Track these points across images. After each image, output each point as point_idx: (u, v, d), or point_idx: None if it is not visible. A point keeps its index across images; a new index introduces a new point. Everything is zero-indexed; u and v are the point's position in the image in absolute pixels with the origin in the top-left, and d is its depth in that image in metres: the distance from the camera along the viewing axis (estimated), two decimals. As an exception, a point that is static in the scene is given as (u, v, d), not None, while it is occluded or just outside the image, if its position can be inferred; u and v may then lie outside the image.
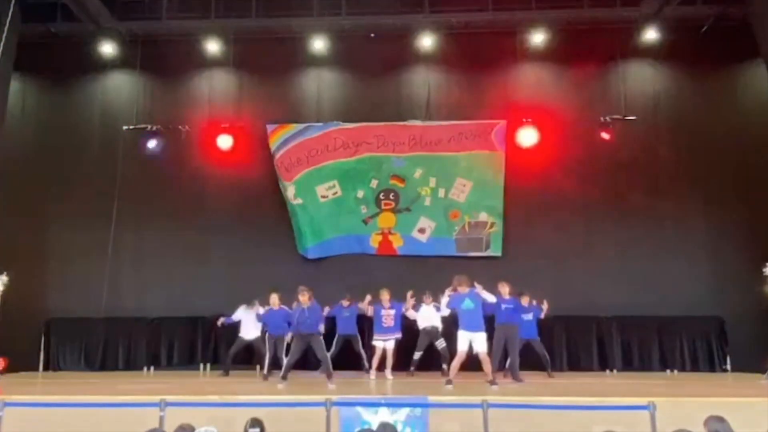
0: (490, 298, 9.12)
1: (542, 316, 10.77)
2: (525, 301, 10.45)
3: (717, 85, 12.90)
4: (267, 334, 10.66)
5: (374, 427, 4.73)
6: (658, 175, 12.67)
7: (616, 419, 5.34)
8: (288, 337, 10.19)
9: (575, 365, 11.76)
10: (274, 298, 10.54)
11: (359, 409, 6.52)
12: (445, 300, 9.38)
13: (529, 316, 10.55)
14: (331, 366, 9.33)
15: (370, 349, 10.81)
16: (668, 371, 11.63)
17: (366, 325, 11.29)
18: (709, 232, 12.44)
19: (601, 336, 11.96)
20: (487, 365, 8.93)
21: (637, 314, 12.00)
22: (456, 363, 8.96)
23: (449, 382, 8.88)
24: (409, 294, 10.76)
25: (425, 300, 10.73)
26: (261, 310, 10.78)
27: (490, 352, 9.12)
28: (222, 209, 12.91)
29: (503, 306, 9.80)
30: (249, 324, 11.01)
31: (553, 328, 11.59)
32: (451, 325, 9.82)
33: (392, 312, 10.62)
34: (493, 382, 8.78)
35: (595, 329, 11.98)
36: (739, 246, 12.08)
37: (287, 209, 12.92)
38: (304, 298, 9.23)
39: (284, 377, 9.21)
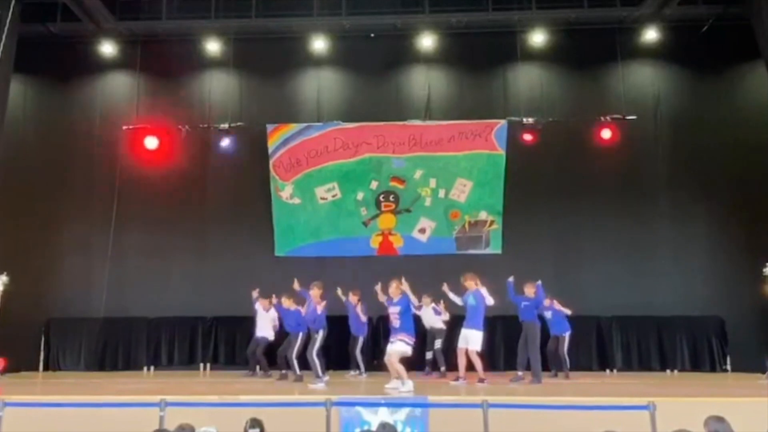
0: (489, 301, 9.27)
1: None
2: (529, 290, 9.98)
3: (717, 85, 12.92)
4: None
5: (374, 427, 4.73)
6: (657, 174, 12.69)
7: (616, 419, 5.31)
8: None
9: (575, 365, 11.71)
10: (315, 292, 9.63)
11: (359, 409, 6.54)
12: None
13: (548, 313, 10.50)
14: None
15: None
16: (668, 371, 11.65)
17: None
18: (709, 232, 12.45)
19: (601, 336, 11.98)
20: (477, 364, 9.19)
21: (637, 314, 12.01)
22: (459, 359, 9.25)
23: (458, 378, 9.24)
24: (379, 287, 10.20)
25: (423, 301, 10.69)
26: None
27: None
28: (222, 209, 12.92)
29: (522, 304, 9.76)
30: (263, 322, 10.98)
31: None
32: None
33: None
34: (481, 380, 9.16)
35: (595, 329, 11.98)
36: (739, 246, 12.07)
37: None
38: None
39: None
